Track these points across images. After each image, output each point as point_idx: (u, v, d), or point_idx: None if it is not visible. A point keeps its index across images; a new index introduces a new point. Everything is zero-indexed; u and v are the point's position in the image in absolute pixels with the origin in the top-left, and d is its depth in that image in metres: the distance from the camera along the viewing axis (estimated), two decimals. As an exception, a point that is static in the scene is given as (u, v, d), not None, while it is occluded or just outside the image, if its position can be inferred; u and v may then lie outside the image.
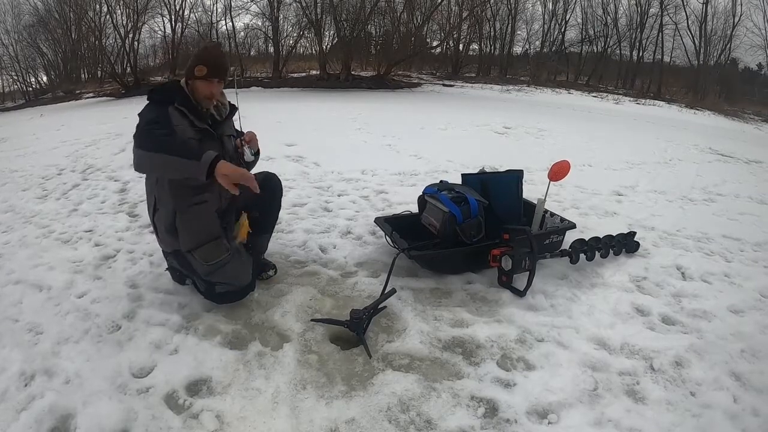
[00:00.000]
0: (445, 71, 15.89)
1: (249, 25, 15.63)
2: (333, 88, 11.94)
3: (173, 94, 1.73)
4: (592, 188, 3.63)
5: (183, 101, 1.71)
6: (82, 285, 2.00)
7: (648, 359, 1.62)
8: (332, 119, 6.48)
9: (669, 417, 1.39)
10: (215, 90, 1.75)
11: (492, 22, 16.67)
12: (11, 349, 1.57)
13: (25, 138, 5.80)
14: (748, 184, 4.28)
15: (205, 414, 1.34)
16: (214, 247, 1.76)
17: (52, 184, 3.55)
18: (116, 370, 1.49)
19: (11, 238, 2.53)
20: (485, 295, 1.99)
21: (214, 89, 1.74)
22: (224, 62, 1.78)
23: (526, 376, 1.53)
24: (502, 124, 6.47)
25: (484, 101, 10.24)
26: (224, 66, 1.77)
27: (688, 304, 1.99)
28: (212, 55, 1.76)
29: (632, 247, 2.41)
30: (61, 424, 1.30)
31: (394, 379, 1.49)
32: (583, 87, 14.90)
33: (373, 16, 13.80)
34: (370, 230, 2.59)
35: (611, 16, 16.52)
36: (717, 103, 13.06)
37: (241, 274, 1.80)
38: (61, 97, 13.48)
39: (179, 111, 1.69)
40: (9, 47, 15.20)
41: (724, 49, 15.56)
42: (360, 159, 4.14)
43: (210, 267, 1.75)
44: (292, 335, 1.69)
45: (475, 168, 3.77)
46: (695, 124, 9.27)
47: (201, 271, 1.76)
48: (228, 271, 1.77)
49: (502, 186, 2.34)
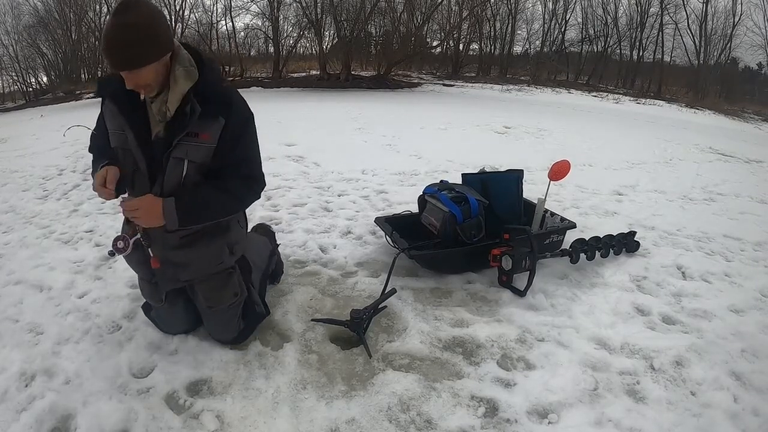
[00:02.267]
0: (445, 71, 15.88)
1: (249, 26, 15.60)
2: (333, 88, 11.93)
3: (109, 85, 1.35)
4: (593, 188, 3.63)
5: (114, 94, 1.33)
6: (83, 285, 2.00)
7: (648, 359, 1.62)
8: (332, 119, 6.48)
9: (669, 416, 1.39)
10: (132, 82, 1.23)
11: (492, 21, 16.66)
12: (11, 350, 1.57)
13: (26, 138, 5.80)
14: (748, 184, 4.28)
15: (205, 414, 1.34)
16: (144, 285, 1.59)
17: (53, 184, 3.55)
18: (116, 371, 1.48)
19: (12, 239, 2.53)
20: (485, 294, 1.99)
21: (130, 82, 1.24)
22: (117, 46, 1.15)
23: (526, 376, 1.53)
24: (503, 124, 6.46)
25: (485, 101, 10.23)
26: (118, 54, 1.16)
27: (688, 303, 1.99)
28: (104, 39, 1.17)
29: (632, 247, 2.41)
30: (61, 424, 1.30)
31: (394, 378, 1.49)
32: (583, 87, 14.89)
33: (373, 16, 13.79)
34: (370, 230, 2.59)
35: (611, 15, 16.53)
36: (717, 103, 13.05)
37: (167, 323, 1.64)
38: (62, 97, 13.47)
39: (110, 107, 1.35)
40: (9, 48, 15.20)
41: (724, 49, 15.57)
42: (360, 159, 4.14)
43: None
44: (293, 335, 1.69)
45: (476, 168, 3.77)
46: (695, 124, 9.25)
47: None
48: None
49: (503, 186, 2.34)
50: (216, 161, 1.36)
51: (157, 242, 1.42)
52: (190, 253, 1.46)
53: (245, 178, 1.43)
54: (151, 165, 1.34)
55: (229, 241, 1.52)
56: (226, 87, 1.38)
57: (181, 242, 1.44)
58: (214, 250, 1.49)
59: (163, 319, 1.64)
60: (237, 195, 1.42)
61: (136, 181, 1.38)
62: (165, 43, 1.23)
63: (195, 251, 1.46)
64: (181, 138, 1.30)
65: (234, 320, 1.57)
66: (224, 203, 1.40)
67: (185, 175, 1.33)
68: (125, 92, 1.30)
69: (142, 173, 1.35)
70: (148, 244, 1.42)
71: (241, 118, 1.37)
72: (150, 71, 1.22)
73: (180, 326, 1.63)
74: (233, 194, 1.41)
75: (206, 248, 1.47)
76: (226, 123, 1.33)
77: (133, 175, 1.37)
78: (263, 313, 1.68)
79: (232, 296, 1.55)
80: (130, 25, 1.15)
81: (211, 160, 1.36)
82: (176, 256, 1.45)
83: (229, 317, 1.56)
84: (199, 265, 1.49)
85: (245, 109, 1.40)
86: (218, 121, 1.32)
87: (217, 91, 1.34)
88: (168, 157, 1.32)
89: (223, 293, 1.54)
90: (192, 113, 1.28)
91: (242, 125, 1.38)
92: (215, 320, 1.57)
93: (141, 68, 1.20)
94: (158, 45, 1.21)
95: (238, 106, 1.36)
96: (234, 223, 1.54)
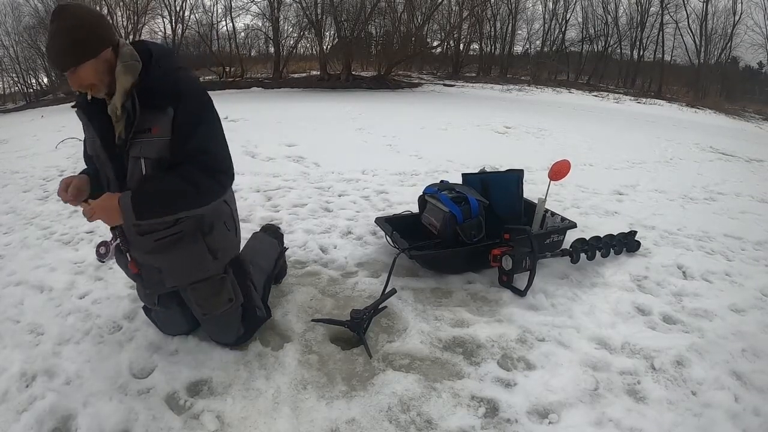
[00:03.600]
0: (446, 71, 15.87)
1: (249, 26, 15.63)
2: (333, 88, 11.93)
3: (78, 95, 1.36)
4: (593, 187, 3.63)
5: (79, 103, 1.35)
6: (83, 286, 2.01)
7: (649, 359, 1.62)
8: (333, 119, 6.48)
9: (670, 416, 1.38)
10: (75, 83, 1.25)
11: (492, 21, 16.64)
12: (12, 350, 1.58)
13: (26, 139, 5.81)
14: (748, 183, 4.28)
15: (205, 414, 1.34)
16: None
17: (53, 185, 3.55)
18: (117, 371, 1.49)
19: (12, 240, 2.53)
20: (486, 294, 1.99)
21: (73, 83, 1.26)
22: (51, 50, 1.23)
23: (526, 376, 1.53)
24: (503, 124, 6.47)
25: (485, 101, 10.23)
26: (52, 57, 1.23)
27: (689, 303, 1.99)
28: (45, 48, 1.24)
29: (633, 247, 2.40)
30: (61, 424, 1.30)
31: (394, 379, 1.49)
32: (583, 86, 14.88)
33: (374, 16, 13.80)
34: (370, 230, 2.59)
35: (612, 15, 16.50)
36: (718, 102, 13.03)
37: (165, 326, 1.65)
38: (62, 98, 13.48)
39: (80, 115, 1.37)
40: (9, 49, 15.21)
41: (724, 48, 15.54)
42: (360, 159, 4.14)
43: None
44: (293, 335, 1.69)
45: (476, 168, 3.77)
46: (696, 123, 9.25)
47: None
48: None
49: (503, 186, 2.34)
50: (174, 155, 1.31)
51: (133, 246, 1.41)
52: (166, 258, 1.43)
53: (207, 168, 1.33)
54: (119, 168, 1.33)
55: (211, 246, 1.46)
56: (176, 77, 1.32)
57: (156, 246, 1.40)
58: (193, 256, 1.44)
59: (162, 321, 1.63)
60: (197, 185, 1.31)
61: (110, 186, 1.37)
62: (95, 42, 1.23)
63: (171, 256, 1.42)
64: (133, 136, 1.28)
65: (232, 325, 1.55)
66: (184, 193, 1.31)
67: (145, 173, 1.31)
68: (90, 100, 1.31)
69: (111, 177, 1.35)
70: (126, 248, 1.41)
71: (192, 106, 1.31)
72: (87, 70, 1.23)
73: (178, 328, 1.63)
74: (193, 184, 1.31)
75: (183, 253, 1.43)
76: (176, 113, 1.28)
77: (108, 180, 1.37)
78: (264, 316, 1.65)
79: (226, 302, 1.51)
80: (60, 30, 1.20)
81: (170, 155, 1.31)
82: (154, 260, 1.43)
83: (226, 322, 1.54)
84: (179, 271, 1.45)
85: (199, 97, 1.34)
86: (166, 113, 1.28)
87: (164, 81, 1.29)
88: (128, 157, 1.31)
89: (216, 300, 1.50)
90: (133, 108, 1.26)
91: (196, 113, 1.32)
92: (212, 325, 1.56)
93: (76, 67, 1.22)
94: (87, 44, 1.22)
95: (188, 95, 1.30)
96: (219, 226, 1.48)
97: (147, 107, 1.26)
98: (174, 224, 1.40)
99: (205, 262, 1.46)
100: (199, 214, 1.41)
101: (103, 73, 1.26)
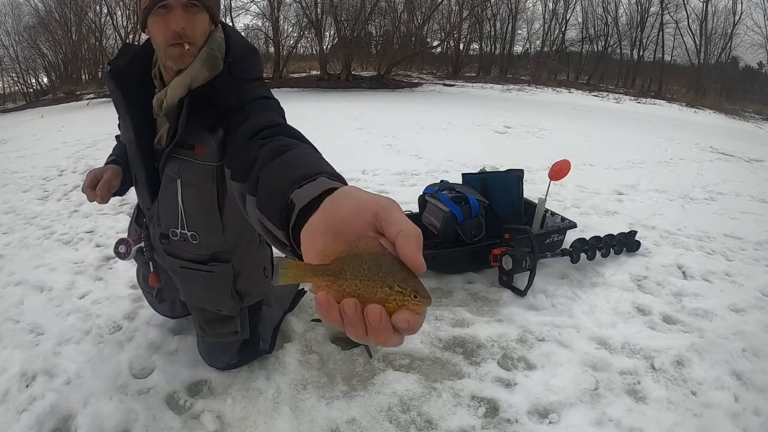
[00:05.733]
0: (446, 71, 15.87)
1: (249, 26, 15.60)
2: (333, 88, 11.92)
3: (116, 60, 1.07)
4: (593, 187, 3.63)
5: (118, 71, 1.05)
6: (83, 286, 2.00)
7: (649, 358, 1.62)
8: (333, 119, 6.47)
9: (670, 416, 1.38)
10: (173, 22, 0.93)
11: (492, 21, 16.64)
12: (12, 350, 1.57)
13: (26, 139, 5.80)
14: (749, 183, 4.28)
15: (205, 414, 1.34)
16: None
17: (53, 185, 3.55)
18: (117, 371, 1.49)
19: (12, 239, 2.53)
20: (486, 294, 1.99)
21: (172, 22, 0.93)
22: None
23: (526, 376, 1.53)
24: (503, 124, 6.46)
25: (485, 101, 10.23)
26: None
27: (689, 303, 1.99)
28: None
29: (633, 247, 2.40)
30: (62, 424, 1.30)
31: (394, 379, 1.49)
32: (583, 86, 14.87)
33: (374, 16, 13.81)
34: (370, 230, 2.58)
35: (612, 15, 16.50)
36: (717, 102, 13.02)
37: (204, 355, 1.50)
38: (62, 98, 13.48)
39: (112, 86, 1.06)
40: (9, 48, 15.21)
41: (724, 48, 15.53)
42: (360, 159, 4.14)
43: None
44: (293, 335, 1.69)
45: (476, 167, 3.76)
46: (696, 123, 9.24)
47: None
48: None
49: (503, 185, 2.34)
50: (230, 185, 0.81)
51: (160, 258, 1.29)
52: (188, 283, 1.29)
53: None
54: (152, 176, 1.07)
55: (240, 290, 1.29)
56: (245, 92, 0.99)
57: (181, 271, 1.26)
58: (215, 291, 1.28)
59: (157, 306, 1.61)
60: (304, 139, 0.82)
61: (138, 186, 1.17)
62: (218, 5, 1.01)
63: (192, 284, 1.28)
64: (173, 148, 1.02)
65: (227, 353, 1.45)
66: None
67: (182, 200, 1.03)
68: (134, 72, 1.04)
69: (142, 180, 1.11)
70: (150, 256, 1.30)
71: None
72: (204, 21, 0.98)
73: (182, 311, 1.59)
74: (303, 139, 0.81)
75: (207, 287, 1.27)
76: (225, 135, 0.97)
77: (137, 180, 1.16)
78: (265, 350, 1.52)
79: (231, 334, 1.37)
80: None
81: (218, 186, 1.02)
82: (175, 281, 1.33)
83: (222, 350, 1.45)
84: (195, 296, 1.34)
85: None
86: (215, 134, 0.99)
87: (229, 94, 0.97)
88: (163, 171, 1.06)
89: (221, 329, 1.37)
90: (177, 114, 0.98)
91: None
92: (206, 346, 1.47)
93: (201, 7, 0.96)
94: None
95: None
96: (256, 272, 1.31)
97: (195, 119, 0.99)
98: (206, 263, 1.23)
99: (225, 300, 1.30)
100: (237, 258, 1.22)
101: (201, 38, 0.99)
